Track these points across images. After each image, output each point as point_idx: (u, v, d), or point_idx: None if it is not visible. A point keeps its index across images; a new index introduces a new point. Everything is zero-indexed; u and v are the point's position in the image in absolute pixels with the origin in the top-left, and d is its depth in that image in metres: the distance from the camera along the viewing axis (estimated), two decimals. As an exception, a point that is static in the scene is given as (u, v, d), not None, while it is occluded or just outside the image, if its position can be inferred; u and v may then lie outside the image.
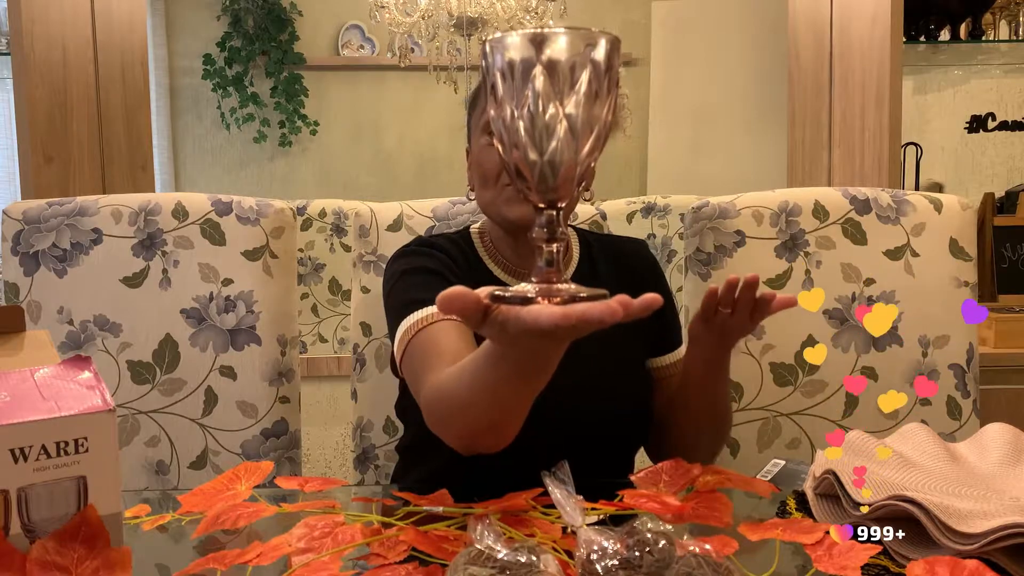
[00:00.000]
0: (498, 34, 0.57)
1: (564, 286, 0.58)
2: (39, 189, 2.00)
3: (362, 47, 3.89)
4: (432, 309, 0.99)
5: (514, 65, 0.56)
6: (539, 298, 0.57)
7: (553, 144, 0.57)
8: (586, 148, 0.58)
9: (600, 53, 0.56)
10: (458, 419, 0.83)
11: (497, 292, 0.59)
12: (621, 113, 1.12)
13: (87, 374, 0.68)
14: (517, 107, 0.57)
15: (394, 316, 1.07)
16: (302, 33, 3.84)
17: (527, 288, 0.58)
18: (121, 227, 1.34)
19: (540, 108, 0.56)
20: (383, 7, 2.91)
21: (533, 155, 0.58)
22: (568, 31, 0.56)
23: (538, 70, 0.55)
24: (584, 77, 0.56)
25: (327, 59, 3.86)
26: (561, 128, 0.57)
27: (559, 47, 0.55)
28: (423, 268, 1.10)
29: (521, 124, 0.57)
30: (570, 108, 0.56)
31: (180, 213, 1.34)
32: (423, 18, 2.88)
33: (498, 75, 0.57)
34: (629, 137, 1.17)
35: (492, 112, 0.59)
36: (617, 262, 1.21)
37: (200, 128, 3.86)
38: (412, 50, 3.20)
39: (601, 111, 0.57)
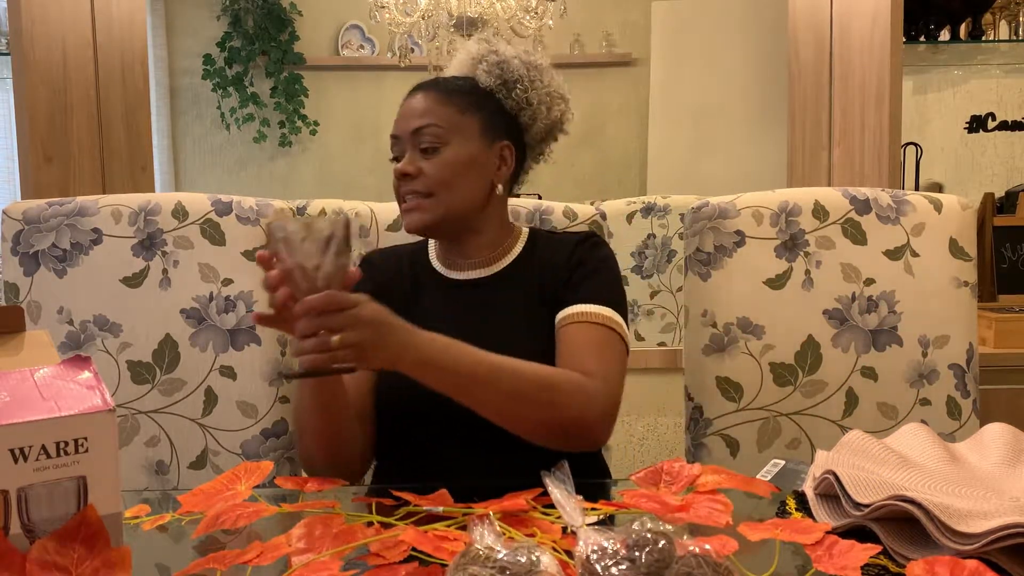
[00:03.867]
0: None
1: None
2: (39, 189, 2.00)
3: (362, 47, 3.89)
4: None
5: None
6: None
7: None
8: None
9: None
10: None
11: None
12: (566, 116, 1.24)
13: (87, 374, 0.68)
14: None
15: None
16: (302, 33, 3.84)
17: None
18: (121, 227, 1.34)
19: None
20: (383, 7, 2.91)
21: None
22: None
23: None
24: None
25: (327, 59, 3.86)
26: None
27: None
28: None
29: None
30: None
31: (180, 213, 1.34)
32: (423, 18, 2.88)
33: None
34: (567, 135, 1.27)
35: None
36: (553, 256, 1.21)
37: (200, 128, 3.85)
38: (412, 50, 3.19)
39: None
